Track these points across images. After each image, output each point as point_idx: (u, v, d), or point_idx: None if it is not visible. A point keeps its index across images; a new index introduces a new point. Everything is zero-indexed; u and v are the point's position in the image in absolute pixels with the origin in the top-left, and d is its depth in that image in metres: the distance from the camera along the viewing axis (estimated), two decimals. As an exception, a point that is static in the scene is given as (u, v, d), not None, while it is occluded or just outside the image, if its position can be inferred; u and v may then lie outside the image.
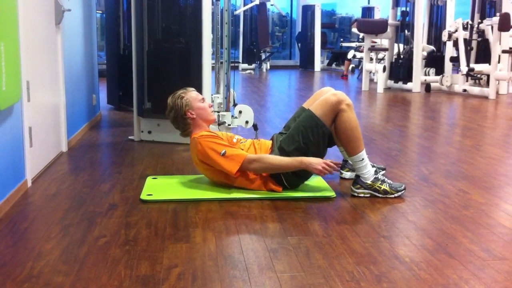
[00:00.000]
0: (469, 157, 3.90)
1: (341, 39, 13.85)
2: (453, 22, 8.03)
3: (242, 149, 3.00)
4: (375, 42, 9.09)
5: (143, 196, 2.88)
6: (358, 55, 10.56)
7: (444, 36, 8.06)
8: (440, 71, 8.46)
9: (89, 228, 2.44)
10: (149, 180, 3.19)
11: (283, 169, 2.90)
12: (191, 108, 3.04)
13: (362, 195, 2.92)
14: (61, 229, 2.42)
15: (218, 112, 4.38)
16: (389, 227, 2.50)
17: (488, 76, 7.61)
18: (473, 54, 8.12)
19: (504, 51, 7.47)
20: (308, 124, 2.93)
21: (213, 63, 4.40)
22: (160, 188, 3.04)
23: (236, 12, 12.14)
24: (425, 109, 6.56)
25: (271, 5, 12.16)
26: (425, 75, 8.62)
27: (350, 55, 10.71)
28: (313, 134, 2.92)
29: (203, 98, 3.13)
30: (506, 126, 5.29)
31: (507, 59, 7.48)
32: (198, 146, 2.95)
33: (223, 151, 2.88)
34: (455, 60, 8.03)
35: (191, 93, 3.11)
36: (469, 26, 7.81)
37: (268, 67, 12.50)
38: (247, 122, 4.42)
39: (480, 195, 2.99)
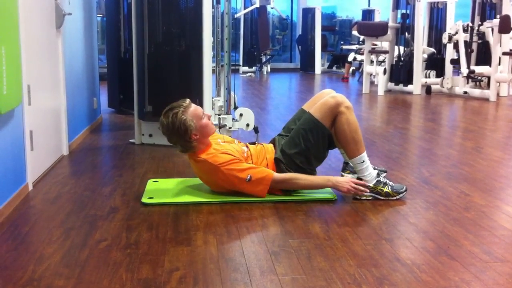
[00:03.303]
0: (470, 159, 3.90)
1: (342, 42, 13.85)
2: (453, 24, 8.04)
3: (252, 162, 2.96)
4: (376, 45, 9.09)
5: (144, 199, 2.88)
6: (359, 57, 10.57)
7: (445, 39, 8.07)
8: (440, 73, 8.47)
9: (90, 231, 2.44)
10: (150, 183, 3.19)
11: (310, 188, 2.95)
12: (194, 130, 2.83)
13: (364, 198, 2.92)
14: (62, 232, 2.42)
15: (219, 115, 4.38)
16: (391, 229, 2.50)
17: (489, 78, 7.61)
18: (473, 56, 8.13)
19: (504, 53, 7.47)
20: (308, 127, 2.94)
21: (214, 66, 4.41)
22: (161, 191, 3.04)
23: (237, 15, 12.16)
24: (426, 111, 6.56)
25: (272, 8, 12.15)
26: (426, 77, 8.62)
27: (350, 57, 10.71)
28: (314, 136, 2.92)
29: (203, 112, 2.91)
30: (507, 128, 5.28)
31: (507, 61, 7.48)
32: (220, 175, 2.84)
33: (248, 177, 2.81)
34: (455, 62, 8.03)
35: (191, 111, 2.85)
36: (469, 28, 7.82)
37: (269, 70, 12.50)
38: (248, 125, 4.43)
39: (481, 197, 2.99)
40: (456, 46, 8.01)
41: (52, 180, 3.29)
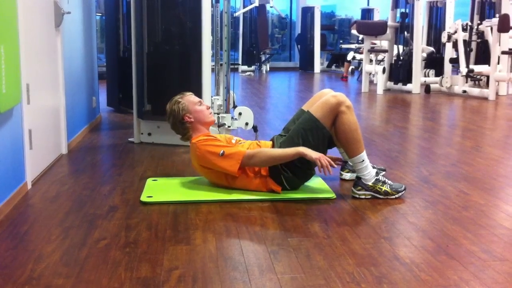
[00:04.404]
0: (469, 158, 3.90)
1: (341, 41, 13.86)
2: (453, 23, 8.04)
3: None
4: (375, 44, 9.10)
5: (143, 198, 2.88)
6: (358, 56, 10.57)
7: (444, 38, 8.07)
8: (439, 72, 8.47)
9: (89, 230, 2.44)
10: (149, 182, 3.19)
11: (282, 159, 2.88)
12: (188, 112, 3.04)
13: (363, 196, 2.92)
14: (62, 231, 2.42)
15: (218, 114, 4.38)
16: (390, 228, 2.50)
17: (488, 77, 7.62)
18: (472, 55, 8.13)
19: (503, 52, 7.47)
20: (307, 126, 2.93)
21: (213, 65, 4.41)
22: (160, 190, 3.04)
23: (236, 14, 12.15)
24: (425, 110, 6.57)
25: (271, 7, 12.16)
26: (425, 76, 8.62)
27: (349, 56, 10.71)
28: (313, 136, 2.91)
29: (200, 101, 3.12)
30: (506, 127, 5.29)
31: (506, 60, 7.48)
32: (197, 151, 2.96)
33: (221, 152, 2.89)
34: (454, 61, 8.03)
35: (188, 97, 3.10)
36: (468, 27, 7.82)
37: (268, 69, 12.50)
38: (247, 123, 4.42)
39: (480, 196, 2.99)
40: (455, 45, 8.01)
41: (51, 179, 3.28)
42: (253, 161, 2.89)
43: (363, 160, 2.93)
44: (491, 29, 7.48)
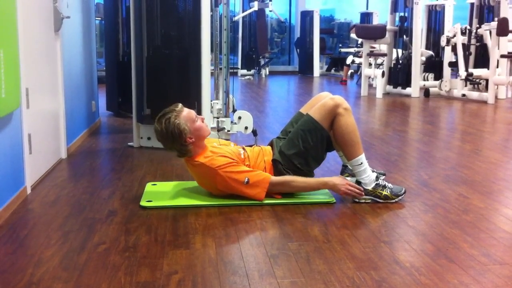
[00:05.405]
0: (468, 161, 3.90)
1: (340, 45, 13.87)
2: (452, 27, 8.06)
3: (249, 164, 2.97)
4: (374, 48, 9.11)
5: (143, 202, 2.88)
6: (357, 60, 10.58)
7: (443, 41, 8.09)
8: (439, 76, 8.48)
9: (88, 234, 2.43)
10: (148, 187, 3.19)
11: (307, 191, 2.96)
12: (189, 133, 2.83)
13: (363, 201, 2.92)
14: (61, 236, 2.42)
15: (217, 118, 4.38)
16: (389, 232, 2.50)
17: (487, 80, 7.63)
18: (471, 59, 8.14)
19: (502, 56, 7.49)
20: (307, 128, 2.95)
21: (212, 69, 4.41)
22: (159, 194, 3.04)
23: (235, 18, 12.18)
24: (424, 114, 6.57)
25: (270, 11, 12.19)
26: (424, 80, 8.63)
27: (349, 60, 10.73)
28: (312, 137, 2.93)
29: (196, 116, 2.90)
30: (505, 131, 5.29)
31: (505, 63, 7.49)
32: (218, 178, 2.83)
33: (245, 180, 2.82)
34: (453, 65, 8.05)
35: (182, 114, 2.84)
36: (467, 31, 7.84)
37: (267, 73, 12.52)
38: (246, 128, 4.43)
39: (480, 199, 2.99)
40: (454, 49, 8.02)
41: (51, 184, 3.28)
42: (278, 189, 2.90)
43: (362, 163, 2.93)
44: (490, 32, 7.49)
